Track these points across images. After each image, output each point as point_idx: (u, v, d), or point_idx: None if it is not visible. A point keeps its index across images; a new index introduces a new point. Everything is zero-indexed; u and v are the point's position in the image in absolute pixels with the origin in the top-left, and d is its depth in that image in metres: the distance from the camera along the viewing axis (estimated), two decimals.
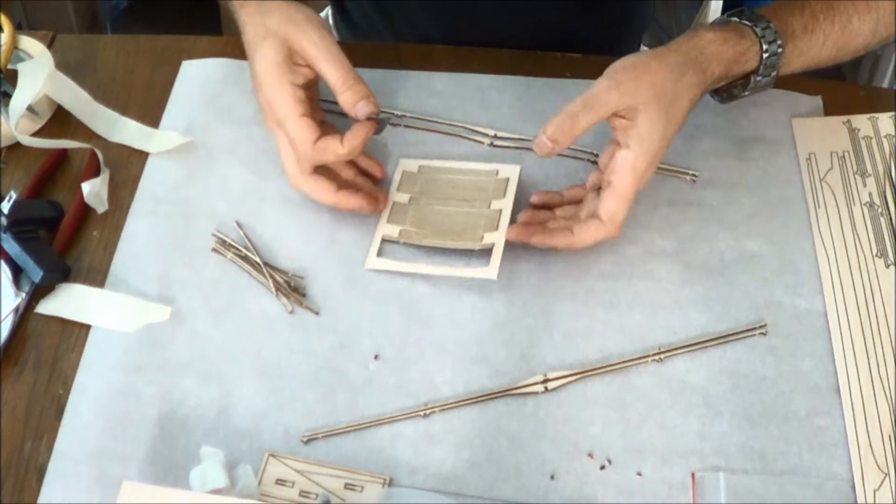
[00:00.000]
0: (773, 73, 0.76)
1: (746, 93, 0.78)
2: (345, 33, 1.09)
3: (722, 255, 0.77)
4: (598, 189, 0.74)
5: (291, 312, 0.74)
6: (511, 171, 0.80)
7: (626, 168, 0.70)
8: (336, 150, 0.73)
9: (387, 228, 0.77)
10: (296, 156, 0.74)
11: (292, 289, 0.75)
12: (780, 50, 0.75)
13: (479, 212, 0.77)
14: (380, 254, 0.76)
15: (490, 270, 0.73)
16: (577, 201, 0.77)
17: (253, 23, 0.75)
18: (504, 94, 0.87)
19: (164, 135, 0.84)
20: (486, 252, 0.74)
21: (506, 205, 0.77)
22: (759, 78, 0.76)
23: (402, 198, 0.79)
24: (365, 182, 0.80)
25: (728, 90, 0.79)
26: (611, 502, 0.66)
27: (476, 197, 0.79)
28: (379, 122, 0.75)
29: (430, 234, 0.76)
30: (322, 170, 0.76)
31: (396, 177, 0.81)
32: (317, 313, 0.74)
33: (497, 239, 0.74)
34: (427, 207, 0.78)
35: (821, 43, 0.77)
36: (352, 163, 0.79)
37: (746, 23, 0.75)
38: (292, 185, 0.76)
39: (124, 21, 2.11)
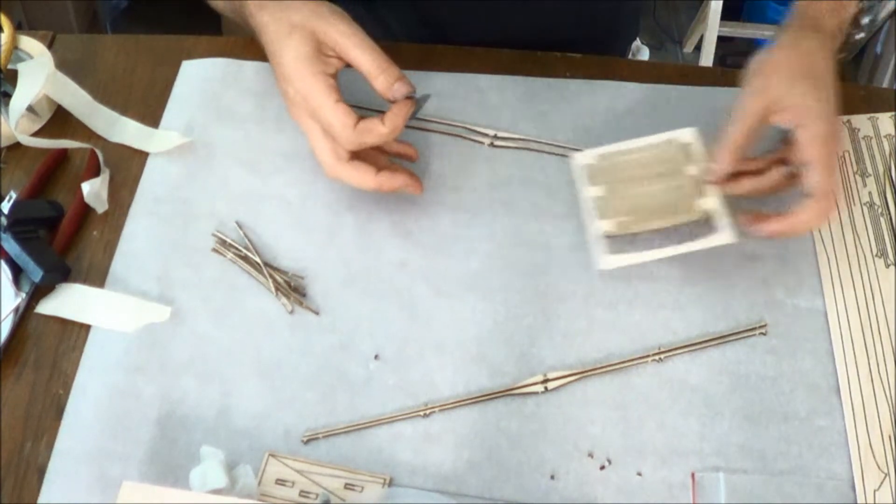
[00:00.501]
0: None
1: (862, 34, 0.80)
2: None
3: (722, 255, 0.77)
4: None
5: (291, 312, 0.74)
6: (688, 135, 0.78)
7: (810, 139, 0.70)
8: (378, 130, 0.72)
9: (603, 225, 0.76)
10: (331, 144, 0.74)
11: (292, 289, 0.75)
12: None
13: (679, 182, 0.76)
14: (610, 251, 0.75)
15: (725, 235, 0.72)
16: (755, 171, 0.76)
17: (275, 20, 0.75)
18: (504, 94, 0.87)
19: (164, 135, 0.84)
20: (703, 221, 0.74)
21: (702, 168, 0.76)
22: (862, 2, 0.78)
23: (598, 191, 0.77)
24: (401, 166, 0.79)
25: (846, 41, 0.81)
26: (611, 502, 0.66)
27: (666, 169, 0.77)
28: (417, 100, 0.75)
29: (646, 218, 0.75)
30: (357, 157, 0.75)
31: (579, 173, 0.79)
32: (317, 313, 0.74)
33: (713, 203, 0.74)
34: (628, 193, 0.77)
35: None
36: (382, 149, 0.78)
37: None
38: (330, 175, 0.75)
39: (124, 21, 2.12)
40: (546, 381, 0.70)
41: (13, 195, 0.77)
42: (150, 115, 0.86)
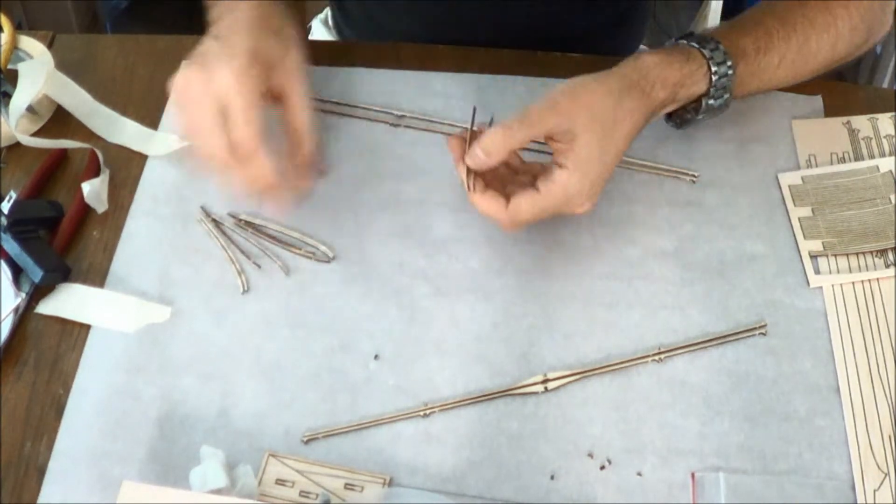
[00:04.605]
0: (726, 96, 0.75)
1: (700, 117, 0.77)
2: (345, 32, 1.09)
3: (722, 255, 0.77)
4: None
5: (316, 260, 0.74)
6: (891, 164, 0.79)
7: (556, 183, 0.68)
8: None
9: (809, 244, 0.77)
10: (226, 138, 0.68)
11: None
12: (730, 72, 0.73)
13: (885, 208, 0.77)
14: (817, 271, 0.76)
15: None
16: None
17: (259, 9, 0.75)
18: (504, 94, 0.87)
19: (164, 137, 0.84)
20: None
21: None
22: (710, 101, 0.75)
23: (805, 212, 0.79)
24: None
25: (681, 115, 0.78)
26: (611, 502, 0.66)
27: (872, 195, 0.78)
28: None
29: (851, 241, 0.76)
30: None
31: (786, 193, 0.80)
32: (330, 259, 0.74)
33: None
34: (833, 216, 0.78)
35: (776, 63, 0.76)
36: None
37: (694, 45, 0.74)
38: (225, 158, 0.69)
39: (124, 21, 2.11)
40: (546, 381, 0.70)
41: (13, 195, 0.77)
42: (150, 115, 0.86)
